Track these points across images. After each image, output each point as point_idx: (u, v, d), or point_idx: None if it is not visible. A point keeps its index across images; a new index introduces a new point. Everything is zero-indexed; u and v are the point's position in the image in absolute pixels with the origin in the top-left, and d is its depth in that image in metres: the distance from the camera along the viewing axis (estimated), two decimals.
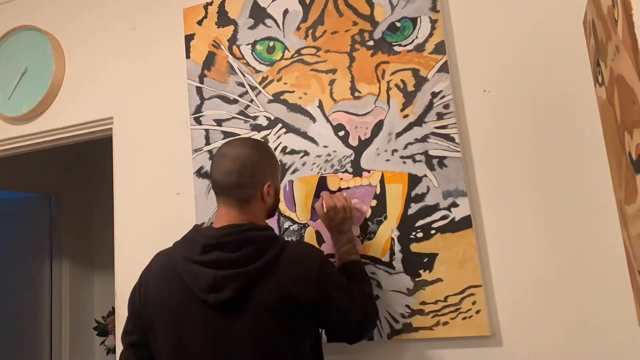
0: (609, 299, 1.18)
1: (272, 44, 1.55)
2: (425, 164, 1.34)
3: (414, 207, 1.33)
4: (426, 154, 1.35)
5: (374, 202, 1.37)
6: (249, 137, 1.50)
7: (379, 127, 1.39)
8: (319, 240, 1.41)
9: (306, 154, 1.45)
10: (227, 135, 1.55)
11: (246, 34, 1.58)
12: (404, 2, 1.42)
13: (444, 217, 1.31)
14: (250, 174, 1.09)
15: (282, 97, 1.51)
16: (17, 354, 3.15)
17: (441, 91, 1.36)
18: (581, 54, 1.27)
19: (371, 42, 1.43)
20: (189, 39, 1.65)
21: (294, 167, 1.45)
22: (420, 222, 1.33)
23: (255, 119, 1.53)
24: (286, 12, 1.54)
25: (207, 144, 1.57)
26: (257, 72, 1.55)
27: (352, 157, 1.40)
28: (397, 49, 1.41)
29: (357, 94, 1.42)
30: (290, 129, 1.48)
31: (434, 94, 1.36)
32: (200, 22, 1.64)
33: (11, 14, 2.03)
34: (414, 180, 1.35)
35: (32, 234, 3.33)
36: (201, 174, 1.56)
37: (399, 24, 1.42)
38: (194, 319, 1.01)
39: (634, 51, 0.75)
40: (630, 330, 1.14)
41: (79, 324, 3.31)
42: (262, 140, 1.46)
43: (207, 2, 1.65)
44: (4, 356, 3.12)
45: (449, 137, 1.33)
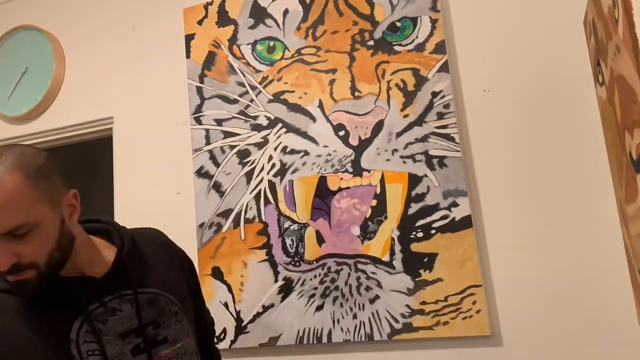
0: (609, 299, 1.18)
1: (272, 43, 1.55)
2: (425, 163, 1.34)
3: (414, 207, 1.34)
4: (426, 153, 1.35)
5: (374, 202, 1.37)
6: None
7: (379, 127, 1.39)
8: (319, 240, 1.41)
9: (306, 153, 1.45)
10: (228, 135, 1.55)
11: (246, 33, 1.58)
12: (404, 1, 1.42)
13: (444, 217, 1.31)
14: None
15: (282, 97, 1.51)
16: None
17: (441, 91, 1.36)
18: (581, 54, 1.27)
19: (371, 42, 1.43)
20: (189, 38, 1.65)
21: (294, 167, 1.45)
22: (420, 222, 1.33)
23: (255, 118, 1.53)
24: (286, 11, 1.54)
25: (208, 143, 1.57)
26: (258, 71, 1.55)
27: (352, 156, 1.40)
28: (397, 48, 1.41)
29: (357, 94, 1.42)
30: (290, 129, 1.48)
31: (434, 94, 1.36)
32: (200, 22, 1.64)
33: (11, 14, 2.03)
34: (414, 180, 1.35)
35: None
36: (201, 174, 1.56)
37: (399, 24, 1.42)
38: None
39: (635, 51, 0.75)
40: (630, 330, 1.14)
41: None
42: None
43: (207, 2, 1.65)
44: None
45: (449, 137, 1.33)
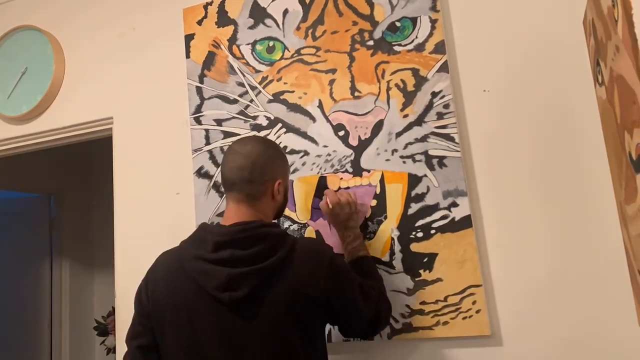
0: (609, 299, 1.18)
1: (272, 43, 1.55)
2: (425, 163, 1.34)
3: (414, 207, 1.33)
4: (426, 153, 1.35)
5: (374, 202, 1.37)
6: (261, 135, 1.50)
7: (379, 127, 1.39)
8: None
9: (306, 153, 1.45)
10: (227, 135, 1.55)
11: (246, 33, 1.58)
12: (404, 1, 1.42)
13: (444, 217, 1.31)
14: (261, 171, 1.09)
15: (282, 97, 1.51)
16: (17, 354, 3.15)
17: (441, 91, 1.36)
18: (581, 54, 1.27)
19: (371, 42, 1.43)
20: (189, 38, 1.65)
21: (294, 167, 1.45)
22: (420, 222, 1.33)
23: (255, 118, 1.53)
24: (286, 12, 1.54)
25: (207, 144, 1.57)
26: (257, 72, 1.55)
27: (352, 156, 1.40)
28: (397, 48, 1.41)
29: (357, 94, 1.42)
30: (290, 129, 1.48)
31: (434, 94, 1.36)
32: (200, 22, 1.64)
33: (11, 14, 2.03)
34: (414, 180, 1.35)
35: (32, 234, 3.33)
36: (201, 174, 1.56)
37: (398, 24, 1.42)
38: (207, 317, 1.01)
39: (634, 51, 0.75)
40: (630, 330, 1.14)
41: (79, 324, 3.31)
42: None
43: (207, 2, 1.64)
44: (4, 356, 3.12)
45: (448, 137, 1.33)
